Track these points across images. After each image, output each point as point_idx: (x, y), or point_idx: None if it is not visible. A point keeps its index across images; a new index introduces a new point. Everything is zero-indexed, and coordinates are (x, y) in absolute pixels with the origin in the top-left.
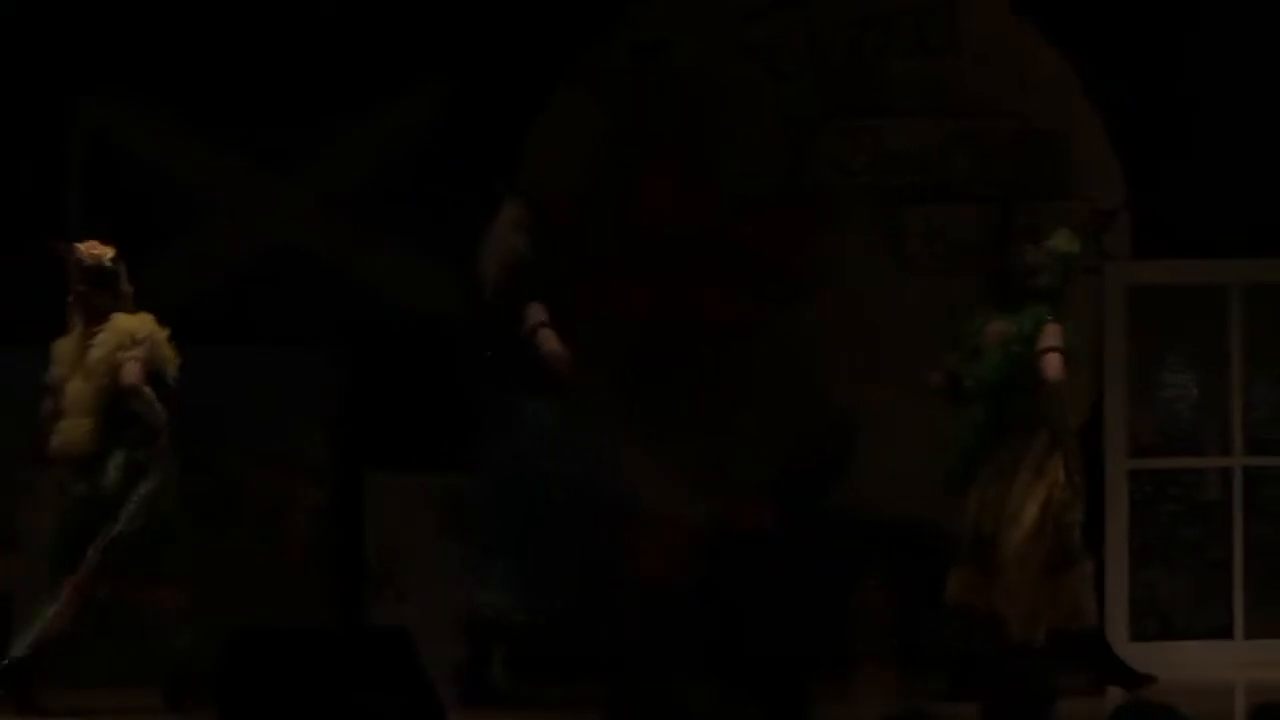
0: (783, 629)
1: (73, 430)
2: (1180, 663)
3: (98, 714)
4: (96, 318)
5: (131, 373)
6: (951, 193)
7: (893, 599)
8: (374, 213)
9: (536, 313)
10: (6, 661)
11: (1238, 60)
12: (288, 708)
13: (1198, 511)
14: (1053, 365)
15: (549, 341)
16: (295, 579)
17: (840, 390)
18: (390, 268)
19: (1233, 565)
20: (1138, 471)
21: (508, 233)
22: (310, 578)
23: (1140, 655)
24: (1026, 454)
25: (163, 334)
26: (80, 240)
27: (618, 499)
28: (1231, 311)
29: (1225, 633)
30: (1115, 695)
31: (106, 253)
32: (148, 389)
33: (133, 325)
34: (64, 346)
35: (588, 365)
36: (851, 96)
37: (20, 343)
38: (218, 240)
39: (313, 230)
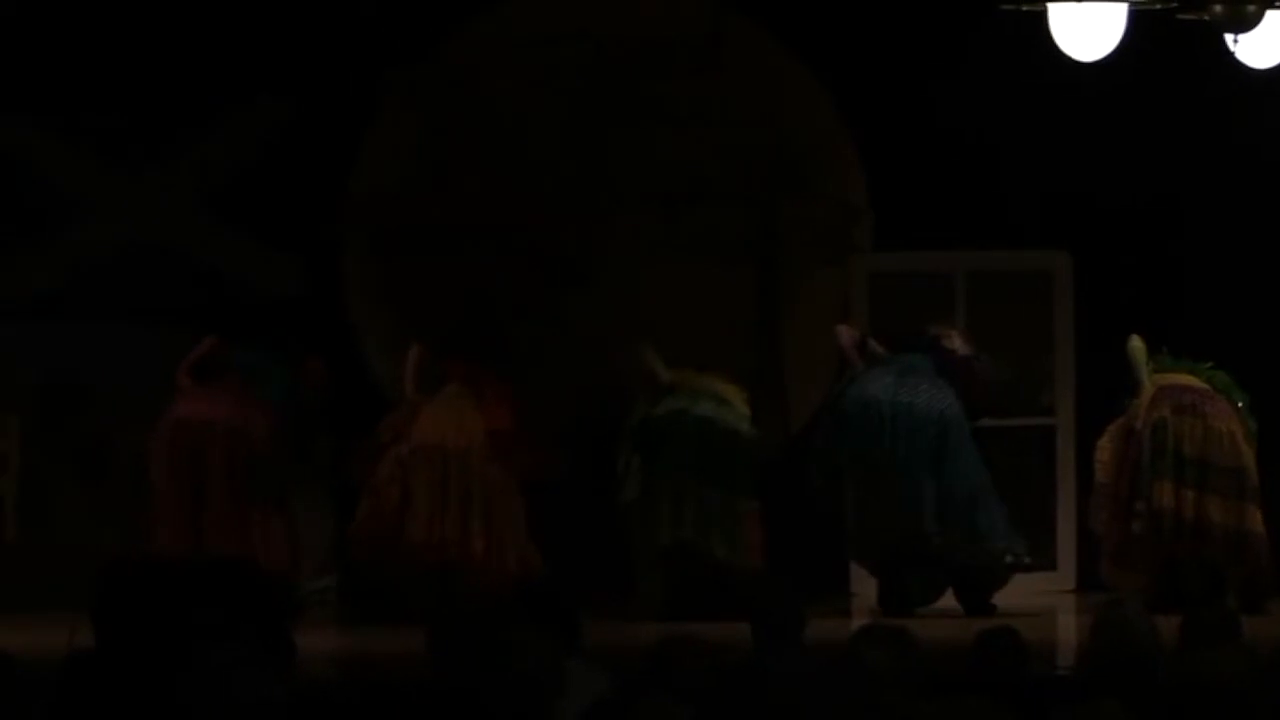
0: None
1: None
2: None
3: None
4: None
5: None
6: (719, 194)
7: None
8: (224, 209)
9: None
10: None
11: (966, 84)
12: (156, 630)
13: None
14: None
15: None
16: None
17: (627, 361)
18: (237, 257)
19: None
20: None
21: None
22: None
23: None
24: None
25: None
26: None
27: None
28: (957, 294)
29: None
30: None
31: None
32: None
33: None
34: None
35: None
36: (630, 111)
37: None
38: (81, 233)
39: (167, 225)
